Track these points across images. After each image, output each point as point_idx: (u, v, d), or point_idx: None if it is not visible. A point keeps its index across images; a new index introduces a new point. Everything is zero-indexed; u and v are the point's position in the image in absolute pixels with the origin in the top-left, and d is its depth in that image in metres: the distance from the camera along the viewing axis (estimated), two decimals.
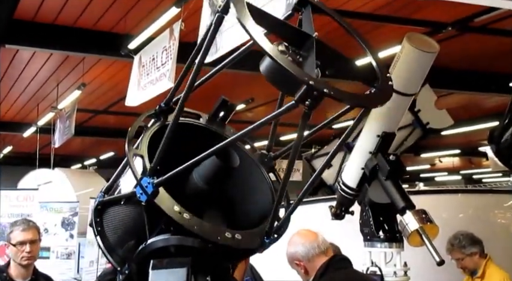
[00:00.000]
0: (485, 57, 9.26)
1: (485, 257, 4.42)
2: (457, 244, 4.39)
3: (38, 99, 12.33)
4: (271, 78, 1.17)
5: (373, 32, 8.13)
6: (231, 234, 1.28)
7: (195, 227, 1.26)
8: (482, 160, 19.20)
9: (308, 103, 1.13)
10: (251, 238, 1.32)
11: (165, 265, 1.27)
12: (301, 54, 1.27)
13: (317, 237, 2.91)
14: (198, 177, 1.38)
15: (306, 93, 1.12)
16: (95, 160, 20.43)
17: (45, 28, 8.07)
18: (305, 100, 1.13)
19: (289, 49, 1.25)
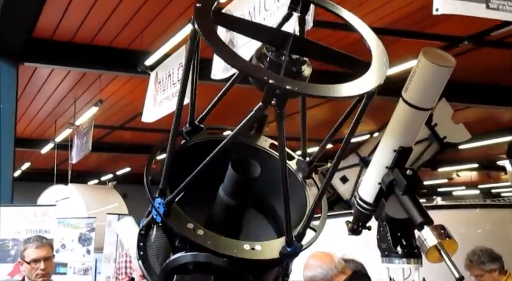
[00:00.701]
0: (502, 70, 9.19)
1: (506, 274, 4.33)
2: (476, 260, 4.31)
3: (55, 116, 12.46)
4: (252, 83, 1.16)
5: (388, 47, 8.07)
6: (250, 246, 1.26)
7: (209, 242, 1.25)
8: (500, 174, 18.98)
9: (274, 103, 1.10)
10: (273, 248, 1.28)
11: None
12: (289, 54, 1.24)
13: (333, 258, 2.90)
14: (223, 193, 1.36)
15: (269, 93, 1.10)
16: (111, 175, 20.54)
17: (63, 46, 8.19)
18: (270, 100, 1.11)
19: (269, 50, 1.23)
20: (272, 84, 1.08)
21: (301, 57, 1.27)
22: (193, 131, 1.48)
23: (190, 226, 1.27)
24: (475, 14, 3.21)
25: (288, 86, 1.08)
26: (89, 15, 7.32)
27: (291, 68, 1.23)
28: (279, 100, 1.11)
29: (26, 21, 6.67)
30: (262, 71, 1.14)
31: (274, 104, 1.11)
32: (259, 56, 1.23)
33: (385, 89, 5.67)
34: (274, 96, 1.10)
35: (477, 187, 23.98)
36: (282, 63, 1.21)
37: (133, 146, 15.63)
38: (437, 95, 3.00)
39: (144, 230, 1.44)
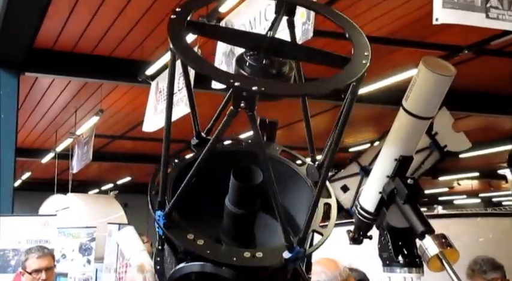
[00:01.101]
0: (502, 79, 9.21)
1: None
2: (478, 269, 4.30)
3: (56, 125, 12.48)
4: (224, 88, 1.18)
5: (389, 56, 8.16)
6: (251, 253, 1.26)
7: (208, 252, 1.25)
8: (501, 183, 18.96)
9: (244, 105, 1.10)
10: (275, 255, 1.26)
11: None
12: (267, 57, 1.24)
13: (338, 265, 2.89)
14: (229, 203, 1.36)
15: (237, 96, 1.10)
16: (112, 184, 20.53)
17: (64, 56, 8.22)
18: (239, 103, 1.10)
19: (247, 55, 1.24)
20: (237, 86, 1.08)
21: (282, 58, 1.27)
22: (201, 144, 1.48)
23: (190, 236, 1.27)
24: (474, 23, 3.22)
25: (253, 87, 1.08)
26: (90, 25, 7.35)
27: (269, 70, 1.23)
28: (247, 102, 1.10)
29: (27, 31, 6.70)
30: (228, 75, 1.14)
31: (243, 106, 1.10)
32: (239, 61, 1.24)
33: (386, 98, 5.78)
34: (242, 98, 1.10)
35: (478, 196, 23.94)
36: (259, 66, 1.21)
37: (134, 156, 15.64)
38: (437, 104, 3.00)
39: (160, 245, 1.44)
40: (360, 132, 13.21)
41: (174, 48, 1.16)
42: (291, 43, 1.36)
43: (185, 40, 1.18)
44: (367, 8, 6.84)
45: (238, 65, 1.23)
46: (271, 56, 1.24)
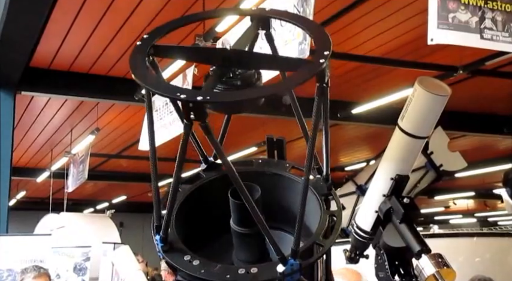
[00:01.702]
0: (496, 99, 9.28)
1: None
2: None
3: (52, 144, 12.46)
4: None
5: (384, 76, 8.21)
6: (246, 269, 1.27)
7: (202, 271, 1.27)
8: (497, 203, 18.96)
9: (193, 117, 1.14)
10: (271, 269, 1.27)
11: None
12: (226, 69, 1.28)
13: (361, 277, 2.89)
14: (233, 223, 1.38)
15: (185, 109, 1.14)
16: (107, 203, 20.44)
17: (60, 75, 8.24)
18: (189, 115, 1.14)
19: (211, 71, 1.28)
20: (183, 99, 1.12)
21: (242, 69, 1.29)
22: (210, 168, 1.52)
23: (187, 257, 1.31)
24: (469, 44, 3.25)
25: (198, 98, 1.12)
26: (87, 44, 7.38)
27: (232, 82, 1.26)
28: (196, 113, 1.14)
29: (23, 50, 6.72)
30: (175, 88, 1.18)
31: (194, 118, 1.14)
32: (205, 77, 1.28)
33: (382, 117, 5.81)
34: (190, 110, 1.13)
35: (474, 215, 23.92)
36: (220, 79, 1.26)
37: (129, 175, 15.60)
38: (433, 124, 3.01)
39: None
40: (356, 151, 13.24)
41: (131, 72, 1.23)
42: (249, 53, 1.37)
43: (143, 64, 1.28)
44: (363, 28, 6.90)
45: (204, 80, 1.27)
46: (231, 67, 1.27)
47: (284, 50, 3.79)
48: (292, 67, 1.28)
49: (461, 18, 3.22)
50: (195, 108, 1.14)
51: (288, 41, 3.94)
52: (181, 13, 6.35)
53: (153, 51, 1.34)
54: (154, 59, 1.36)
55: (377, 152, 9.46)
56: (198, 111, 1.14)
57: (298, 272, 1.26)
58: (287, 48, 3.83)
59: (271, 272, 1.26)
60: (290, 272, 1.26)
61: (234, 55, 1.31)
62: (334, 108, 9.42)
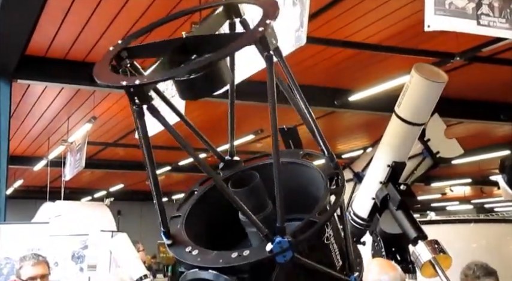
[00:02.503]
0: (493, 86, 9.27)
1: None
2: (471, 274, 4.30)
3: (48, 133, 12.44)
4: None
5: (381, 63, 8.20)
6: (238, 253, 1.28)
7: (198, 259, 1.30)
8: (493, 189, 19.04)
9: (138, 101, 1.21)
10: (262, 250, 1.27)
11: None
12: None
13: (397, 268, 2.91)
14: (240, 214, 1.39)
15: (128, 94, 1.20)
16: (104, 192, 20.47)
17: (57, 63, 8.21)
18: (133, 100, 1.21)
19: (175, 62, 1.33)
20: (124, 85, 1.18)
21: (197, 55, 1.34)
22: (227, 166, 1.55)
23: (188, 249, 1.34)
24: (465, 30, 3.25)
25: (136, 82, 1.18)
26: (82, 32, 7.35)
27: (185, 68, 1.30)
28: (139, 97, 1.21)
29: (19, 38, 6.69)
30: (119, 77, 1.24)
31: (138, 103, 1.21)
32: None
33: (379, 105, 5.79)
34: (133, 95, 1.20)
35: (470, 202, 24.02)
36: (164, 65, 1.34)
37: (126, 163, 15.60)
38: (429, 110, 3.02)
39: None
40: (353, 139, 13.25)
41: (94, 76, 1.26)
42: (204, 37, 1.40)
43: (104, 63, 1.30)
44: (360, 15, 6.88)
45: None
46: (185, 55, 1.33)
47: (281, 38, 3.78)
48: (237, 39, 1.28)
49: (458, 4, 3.21)
50: (137, 92, 1.20)
51: (283, 28, 3.93)
52: (176, 1, 6.32)
53: (127, 54, 1.37)
54: (133, 62, 1.39)
55: (374, 140, 9.46)
56: (140, 95, 1.20)
57: (289, 250, 1.24)
58: (283, 36, 3.82)
59: (261, 253, 1.25)
60: (279, 250, 1.24)
61: (189, 41, 1.35)
62: (332, 96, 9.42)
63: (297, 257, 1.26)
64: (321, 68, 8.49)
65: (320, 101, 9.29)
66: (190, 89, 1.30)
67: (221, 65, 1.27)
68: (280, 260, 1.24)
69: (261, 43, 1.24)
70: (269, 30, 1.24)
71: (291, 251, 1.24)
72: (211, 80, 1.27)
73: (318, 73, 8.66)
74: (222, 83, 1.29)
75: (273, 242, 1.24)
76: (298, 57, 7.32)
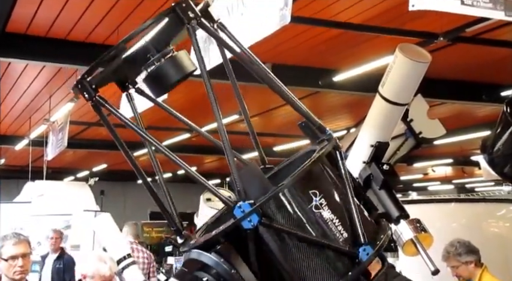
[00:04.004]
0: (476, 67, 9.33)
1: (481, 267, 4.40)
2: (453, 251, 4.38)
3: (30, 111, 12.30)
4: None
5: (365, 43, 8.19)
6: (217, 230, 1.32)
7: (191, 243, 1.39)
8: (474, 170, 19.27)
9: (87, 96, 1.45)
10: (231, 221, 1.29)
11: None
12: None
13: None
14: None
15: (79, 91, 1.43)
16: (87, 172, 20.37)
17: (38, 41, 8.08)
18: (83, 95, 1.42)
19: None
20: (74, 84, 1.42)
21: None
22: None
23: (192, 241, 1.41)
24: (449, 10, 3.24)
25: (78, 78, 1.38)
26: (64, 9, 7.22)
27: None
28: (85, 92, 1.50)
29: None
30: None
31: (87, 97, 1.47)
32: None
33: (362, 85, 5.81)
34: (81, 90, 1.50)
35: (451, 182, 24.31)
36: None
37: (110, 143, 15.45)
38: (413, 91, 3.03)
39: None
40: (337, 119, 13.28)
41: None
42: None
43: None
44: None
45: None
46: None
47: (265, 16, 3.75)
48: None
49: None
50: (82, 88, 1.44)
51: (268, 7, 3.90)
52: None
53: (95, 86, 1.53)
54: (100, 98, 1.56)
55: (358, 120, 9.49)
56: (85, 89, 1.45)
57: (254, 214, 1.21)
58: (268, 14, 3.79)
59: (230, 221, 1.25)
60: (242, 215, 1.22)
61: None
62: (316, 76, 9.41)
63: (267, 223, 1.23)
64: (305, 48, 8.46)
65: (304, 81, 9.28)
66: (157, 80, 1.43)
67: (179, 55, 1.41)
68: (247, 226, 1.22)
69: (175, 13, 1.36)
70: (183, 4, 1.34)
71: (256, 215, 1.22)
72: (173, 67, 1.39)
73: (302, 53, 8.63)
74: (183, 69, 1.41)
75: (235, 208, 1.23)
76: (282, 36, 7.28)
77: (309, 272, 1.23)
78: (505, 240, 5.41)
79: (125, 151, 1.42)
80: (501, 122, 3.44)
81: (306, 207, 1.28)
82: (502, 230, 5.79)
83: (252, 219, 1.22)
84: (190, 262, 1.30)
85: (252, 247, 1.24)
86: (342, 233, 1.28)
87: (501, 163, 3.81)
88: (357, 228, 1.29)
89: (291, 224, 1.26)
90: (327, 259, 1.25)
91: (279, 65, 8.39)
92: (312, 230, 1.26)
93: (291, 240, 1.25)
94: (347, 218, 1.31)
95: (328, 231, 1.28)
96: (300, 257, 1.24)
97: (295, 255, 1.25)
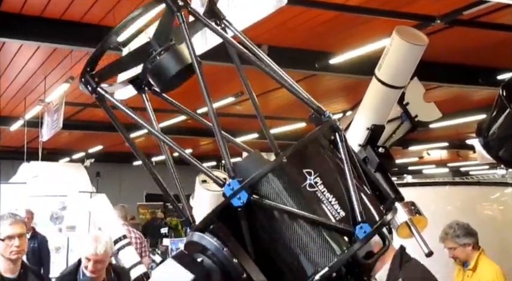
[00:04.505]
0: (473, 50, 9.31)
1: (478, 250, 4.39)
2: (452, 233, 4.36)
3: (25, 92, 12.24)
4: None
5: (362, 25, 8.15)
6: None
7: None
8: (469, 153, 19.34)
9: (90, 90, 1.54)
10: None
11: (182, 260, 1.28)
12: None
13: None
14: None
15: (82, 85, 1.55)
16: (83, 153, 20.35)
17: (33, 20, 8.01)
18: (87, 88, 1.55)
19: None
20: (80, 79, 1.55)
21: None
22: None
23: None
24: None
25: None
26: None
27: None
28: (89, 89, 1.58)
29: None
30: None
31: (90, 91, 1.55)
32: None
33: (359, 68, 5.81)
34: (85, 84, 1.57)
35: (446, 166, 24.40)
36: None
37: (106, 124, 15.47)
38: (409, 73, 3.03)
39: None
40: (333, 102, 13.27)
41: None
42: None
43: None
44: None
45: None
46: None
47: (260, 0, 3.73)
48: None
49: None
50: (85, 81, 1.53)
51: None
52: None
53: (98, 79, 1.56)
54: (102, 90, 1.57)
55: (354, 103, 9.48)
56: (87, 83, 1.53)
57: (242, 191, 1.22)
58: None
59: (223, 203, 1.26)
60: (232, 192, 1.22)
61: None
62: (312, 59, 9.38)
63: (257, 200, 1.23)
64: (302, 30, 8.42)
65: (300, 63, 9.24)
66: (159, 74, 1.47)
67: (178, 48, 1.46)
68: (237, 204, 1.22)
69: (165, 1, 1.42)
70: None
71: (245, 192, 1.22)
72: (174, 58, 1.43)
73: (299, 35, 8.59)
74: (182, 61, 1.44)
75: (224, 185, 1.24)
76: (279, 18, 7.24)
77: (301, 251, 1.22)
78: (499, 223, 5.45)
79: (135, 150, 1.45)
80: (497, 105, 3.45)
81: (300, 185, 1.27)
82: (496, 213, 5.83)
83: (241, 196, 1.22)
84: (189, 245, 1.31)
85: (245, 226, 1.24)
86: (338, 212, 1.26)
87: (496, 146, 3.82)
88: (355, 206, 1.27)
89: (283, 201, 1.25)
90: (321, 237, 1.24)
91: (275, 47, 8.36)
92: (305, 208, 1.25)
93: (282, 218, 1.25)
94: (346, 198, 1.29)
95: (322, 209, 1.26)
96: (292, 235, 1.24)
97: (287, 233, 1.24)
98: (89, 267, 3.92)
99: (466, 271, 4.41)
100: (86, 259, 3.95)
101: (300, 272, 1.21)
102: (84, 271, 3.98)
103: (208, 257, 1.25)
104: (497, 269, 4.30)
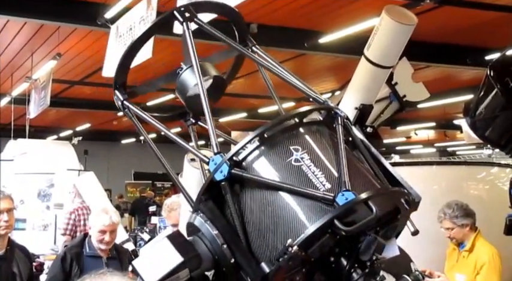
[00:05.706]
0: (462, 30, 9.31)
1: (475, 230, 4.38)
2: (450, 213, 4.31)
3: (12, 69, 12.11)
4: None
5: (352, 4, 8.12)
6: None
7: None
8: (456, 133, 19.47)
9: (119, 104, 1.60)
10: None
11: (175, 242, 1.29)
12: None
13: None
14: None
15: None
16: (71, 131, 20.24)
17: None
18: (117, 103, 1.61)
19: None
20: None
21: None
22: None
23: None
24: None
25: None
26: None
27: None
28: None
29: None
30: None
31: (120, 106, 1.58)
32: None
33: (348, 48, 5.82)
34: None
35: (434, 146, 24.56)
36: None
37: (93, 102, 15.37)
38: (398, 53, 3.04)
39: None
40: (322, 82, 13.26)
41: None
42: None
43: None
44: None
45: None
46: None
47: None
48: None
49: None
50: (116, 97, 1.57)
51: None
52: None
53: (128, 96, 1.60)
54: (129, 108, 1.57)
55: (343, 83, 9.48)
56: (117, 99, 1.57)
57: (225, 164, 1.27)
58: None
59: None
60: (215, 167, 1.27)
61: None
62: (301, 38, 9.34)
63: (238, 173, 1.27)
64: (291, 9, 8.37)
65: (289, 43, 9.21)
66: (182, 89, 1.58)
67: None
68: (219, 177, 1.26)
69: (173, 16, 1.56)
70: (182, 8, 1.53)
71: (227, 165, 1.26)
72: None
73: (288, 14, 8.54)
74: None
75: (209, 163, 1.29)
76: None
77: (282, 221, 1.25)
78: (485, 202, 5.50)
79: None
80: (484, 85, 3.46)
81: (285, 160, 1.31)
82: (482, 192, 5.89)
83: (223, 170, 1.26)
84: (187, 226, 1.35)
85: (230, 200, 1.27)
86: (324, 184, 1.28)
87: (483, 126, 3.84)
88: (342, 177, 1.28)
89: (266, 175, 1.30)
90: (303, 207, 1.26)
91: (264, 25, 8.31)
92: (287, 180, 1.28)
93: (263, 189, 1.28)
94: (335, 172, 1.31)
95: (307, 182, 1.28)
96: (273, 206, 1.27)
97: (269, 204, 1.27)
98: (106, 238, 3.98)
99: (462, 252, 4.37)
100: (100, 233, 4.00)
101: (281, 243, 1.23)
102: (97, 244, 4.03)
103: (200, 238, 1.27)
104: (494, 251, 4.24)
